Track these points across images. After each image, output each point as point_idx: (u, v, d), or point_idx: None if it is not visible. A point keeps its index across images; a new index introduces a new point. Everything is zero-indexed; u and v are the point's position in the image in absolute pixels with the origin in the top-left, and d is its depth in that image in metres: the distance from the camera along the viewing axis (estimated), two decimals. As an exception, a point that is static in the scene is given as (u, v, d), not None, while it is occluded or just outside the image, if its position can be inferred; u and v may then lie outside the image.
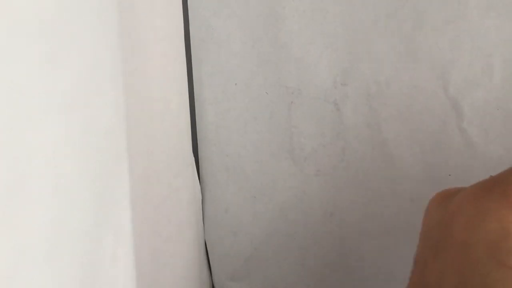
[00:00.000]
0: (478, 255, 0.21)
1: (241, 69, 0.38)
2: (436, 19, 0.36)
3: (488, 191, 0.23)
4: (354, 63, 0.38)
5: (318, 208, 0.40)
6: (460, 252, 0.22)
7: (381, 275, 0.40)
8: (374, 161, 0.39)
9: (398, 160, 0.38)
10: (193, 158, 0.38)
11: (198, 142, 0.39)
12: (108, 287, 0.22)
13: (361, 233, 0.40)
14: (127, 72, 0.26)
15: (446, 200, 0.25)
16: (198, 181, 0.39)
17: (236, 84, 0.38)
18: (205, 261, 0.41)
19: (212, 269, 0.41)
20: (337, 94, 0.38)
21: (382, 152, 0.38)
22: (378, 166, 0.39)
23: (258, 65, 0.38)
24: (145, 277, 0.29)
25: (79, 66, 0.20)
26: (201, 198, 0.40)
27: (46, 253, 0.18)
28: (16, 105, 0.17)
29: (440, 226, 0.24)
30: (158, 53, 0.32)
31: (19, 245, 0.17)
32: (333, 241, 0.40)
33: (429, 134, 0.38)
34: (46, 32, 0.18)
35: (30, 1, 0.17)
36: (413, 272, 0.25)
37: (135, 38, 0.29)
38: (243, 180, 0.39)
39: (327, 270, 0.40)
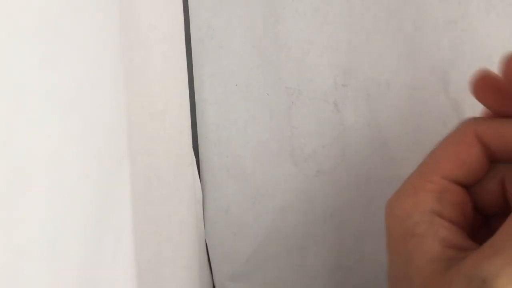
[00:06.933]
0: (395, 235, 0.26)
1: (241, 70, 0.38)
2: (437, 19, 0.36)
3: None
4: (354, 63, 0.38)
5: (318, 209, 0.40)
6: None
7: (381, 275, 0.40)
8: (374, 162, 0.39)
9: (398, 161, 0.38)
10: (194, 158, 0.38)
11: (198, 142, 0.39)
12: (108, 287, 0.22)
13: (361, 234, 0.40)
14: (127, 72, 0.26)
15: None
16: (198, 181, 0.39)
17: (236, 84, 0.38)
18: (206, 261, 0.41)
19: (212, 270, 0.41)
20: (337, 94, 0.38)
21: (382, 153, 0.38)
22: (378, 167, 0.39)
23: (258, 66, 0.38)
24: (145, 277, 0.29)
25: (79, 66, 0.20)
26: (201, 198, 0.40)
27: (46, 253, 0.18)
28: (16, 104, 0.17)
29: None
30: (158, 53, 0.32)
31: (19, 245, 0.17)
32: (333, 242, 0.40)
33: (430, 135, 0.38)
34: (46, 32, 0.18)
35: (30, 1, 0.17)
36: None
37: (135, 38, 0.29)
38: (243, 181, 0.39)
39: (327, 271, 0.40)
